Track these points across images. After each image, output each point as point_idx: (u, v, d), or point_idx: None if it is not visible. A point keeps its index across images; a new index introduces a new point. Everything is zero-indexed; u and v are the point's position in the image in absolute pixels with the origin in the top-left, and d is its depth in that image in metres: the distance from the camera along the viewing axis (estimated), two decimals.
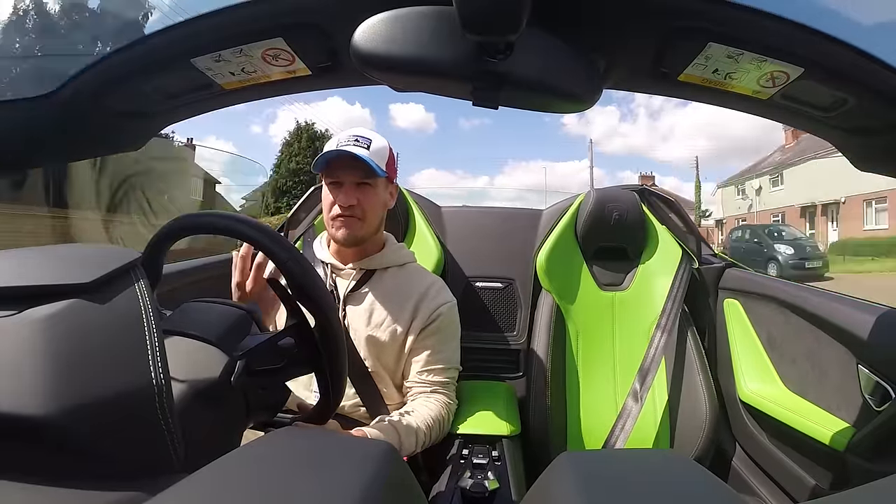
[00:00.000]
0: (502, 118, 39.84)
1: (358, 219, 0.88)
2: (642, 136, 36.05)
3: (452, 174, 33.32)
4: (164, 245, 0.57)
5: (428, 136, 31.99)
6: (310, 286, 0.55)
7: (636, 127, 35.90)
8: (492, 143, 38.79)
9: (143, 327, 0.35)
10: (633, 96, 38.51)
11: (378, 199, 0.91)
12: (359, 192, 0.88)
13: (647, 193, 1.42)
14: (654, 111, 34.96)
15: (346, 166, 0.87)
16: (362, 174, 0.87)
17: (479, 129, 36.11)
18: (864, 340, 0.80)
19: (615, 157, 37.35)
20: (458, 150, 37.63)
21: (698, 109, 33.58)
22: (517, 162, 37.22)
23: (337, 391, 0.60)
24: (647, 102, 32.70)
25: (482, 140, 37.95)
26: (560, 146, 39.30)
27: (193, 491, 0.26)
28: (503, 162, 41.86)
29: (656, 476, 0.30)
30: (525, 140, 39.70)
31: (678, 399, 1.16)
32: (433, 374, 0.92)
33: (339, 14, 0.48)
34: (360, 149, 0.86)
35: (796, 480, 0.93)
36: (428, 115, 34.80)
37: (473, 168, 42.64)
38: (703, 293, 1.28)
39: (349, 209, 0.87)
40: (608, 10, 0.47)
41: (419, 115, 33.84)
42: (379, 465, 0.29)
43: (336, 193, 0.88)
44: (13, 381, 0.30)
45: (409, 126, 31.72)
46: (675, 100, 23.48)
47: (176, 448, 0.35)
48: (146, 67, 0.53)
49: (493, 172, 37.99)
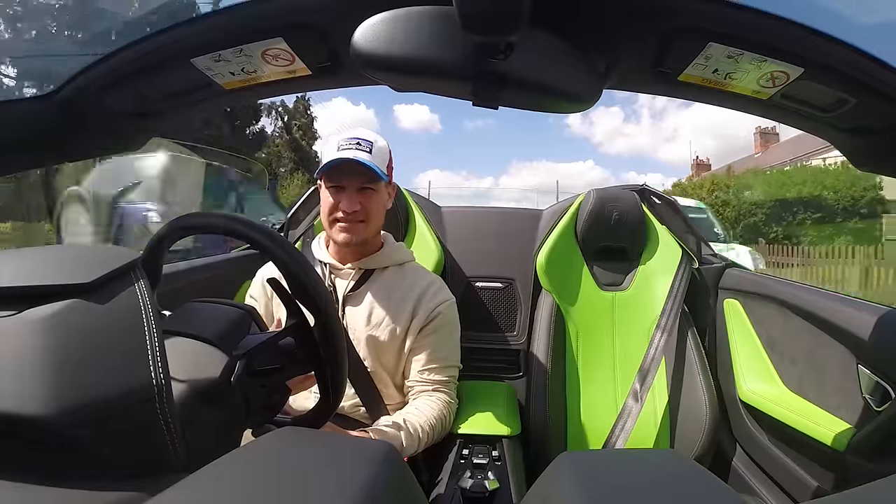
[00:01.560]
0: (506, 119, 39.95)
1: (361, 222, 0.88)
2: (646, 137, 36.13)
3: (457, 175, 33.36)
4: (164, 245, 0.57)
5: (433, 137, 32.02)
6: (310, 286, 0.55)
7: (640, 127, 35.99)
8: (496, 143, 38.86)
9: (143, 327, 0.35)
10: (636, 97, 38.70)
11: (380, 202, 0.91)
12: (362, 196, 0.87)
13: (647, 193, 1.42)
14: (657, 112, 35.02)
15: (349, 172, 0.86)
16: (365, 179, 0.87)
17: (484, 129, 36.16)
18: (864, 340, 0.80)
19: (619, 157, 37.39)
20: (463, 150, 37.69)
21: (701, 111, 33.64)
22: (521, 162, 37.26)
23: (337, 391, 0.60)
24: (651, 103, 32.80)
25: (487, 140, 38.02)
26: (564, 146, 39.36)
27: (193, 491, 0.26)
28: (507, 162, 41.92)
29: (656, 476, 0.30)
30: (529, 141, 39.79)
31: (678, 399, 1.16)
32: (434, 372, 0.92)
33: (339, 14, 0.48)
34: (364, 153, 0.85)
35: (796, 480, 0.93)
36: (433, 115, 34.82)
37: (478, 169, 42.69)
38: (703, 293, 1.27)
39: (353, 214, 0.87)
40: (608, 11, 0.47)
41: (424, 116, 33.85)
42: (379, 466, 0.29)
43: (338, 197, 0.87)
44: (13, 382, 0.30)
45: (413, 126, 31.80)
46: (678, 101, 23.19)
47: (176, 448, 0.35)
48: (146, 67, 0.53)
49: (497, 173, 37.99)
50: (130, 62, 0.52)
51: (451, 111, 39.04)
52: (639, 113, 33.82)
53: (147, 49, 0.52)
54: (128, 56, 0.52)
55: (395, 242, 1.00)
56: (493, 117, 34.87)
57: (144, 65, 0.53)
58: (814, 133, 0.57)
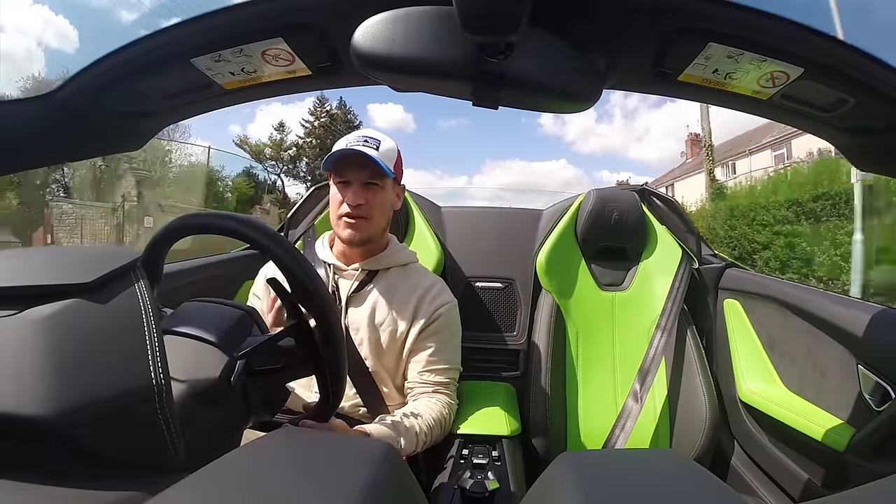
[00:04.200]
0: (480, 118, 39.72)
1: (365, 218, 0.88)
2: (618, 137, 36.07)
3: (431, 174, 33.30)
4: (164, 245, 0.57)
5: (407, 136, 31.83)
6: (310, 286, 0.55)
7: (612, 127, 35.90)
8: (470, 142, 38.71)
9: (143, 327, 0.35)
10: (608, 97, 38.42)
11: (386, 200, 0.91)
12: (367, 191, 0.88)
13: (647, 193, 1.42)
14: (629, 112, 34.98)
15: (354, 166, 0.87)
16: (371, 174, 0.88)
17: (458, 129, 35.94)
18: (864, 340, 0.80)
19: (592, 156, 37.30)
20: (437, 149, 37.55)
21: (672, 111, 33.47)
22: (495, 161, 37.13)
23: (337, 391, 0.60)
24: (623, 103, 32.72)
25: (460, 140, 37.88)
26: (537, 145, 39.24)
27: (193, 490, 0.26)
28: (481, 161, 41.85)
29: (656, 476, 0.30)
30: (502, 140, 39.61)
31: (678, 399, 1.16)
32: (434, 374, 0.92)
33: (339, 14, 0.48)
34: (369, 149, 0.86)
35: (796, 480, 0.93)
36: (407, 115, 34.65)
37: (452, 168, 42.55)
38: (703, 293, 1.28)
39: (357, 209, 0.87)
40: (608, 11, 0.47)
41: (398, 115, 33.71)
42: (379, 466, 0.29)
43: (344, 193, 0.88)
44: (13, 382, 0.30)
45: (387, 126, 31.59)
46: (649, 101, 23.03)
47: (176, 448, 0.35)
48: (146, 67, 0.53)
49: (471, 172, 37.89)
50: (130, 62, 0.52)
51: (425, 111, 38.78)
52: (611, 113, 33.80)
53: (147, 49, 0.52)
54: (128, 56, 0.52)
55: (399, 243, 1.01)
56: (466, 116, 34.72)
57: (144, 65, 0.52)
58: (814, 133, 0.57)
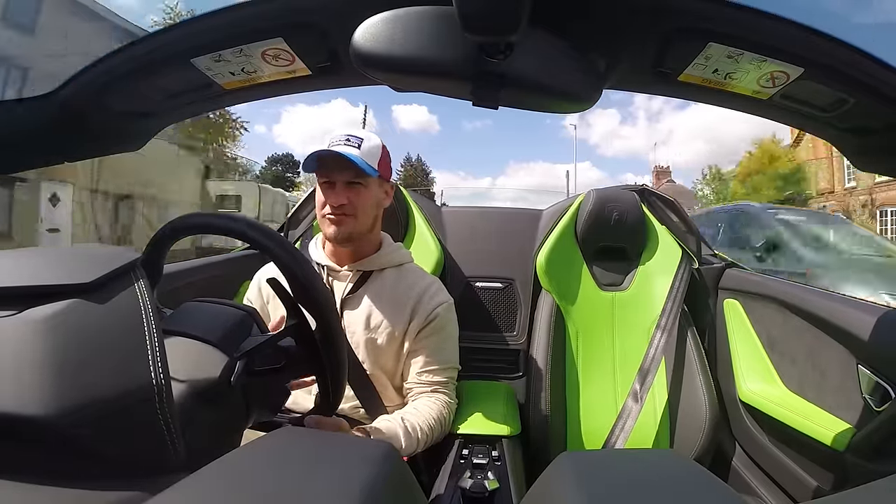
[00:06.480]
0: (504, 120, 39.91)
1: (348, 216, 0.88)
2: (642, 139, 36.19)
3: (455, 175, 33.37)
4: (164, 245, 0.57)
5: (431, 138, 31.87)
6: (310, 286, 0.55)
7: (636, 130, 35.99)
8: (494, 144, 38.86)
9: (143, 327, 0.35)
10: (632, 99, 38.50)
11: (370, 198, 0.90)
12: (350, 191, 0.87)
13: (647, 193, 1.42)
14: (653, 114, 35.04)
15: (336, 166, 0.86)
16: (353, 174, 0.87)
17: (482, 130, 36.12)
18: (864, 340, 0.80)
19: (616, 159, 37.44)
20: (461, 151, 37.69)
21: (696, 114, 33.54)
22: (519, 163, 37.28)
23: (336, 391, 0.60)
24: (647, 105, 32.83)
25: (485, 141, 38.03)
26: (561, 147, 39.47)
27: (194, 490, 0.26)
28: (505, 163, 42.01)
29: (656, 476, 0.30)
30: (526, 142, 39.79)
31: (678, 399, 1.16)
32: (433, 374, 0.92)
33: (339, 14, 0.48)
34: (351, 148, 0.85)
35: (796, 480, 0.93)
36: (431, 116, 34.74)
37: (476, 169, 42.73)
38: (703, 293, 1.27)
39: (340, 208, 0.87)
40: (608, 11, 0.47)
41: (423, 117, 33.73)
42: (379, 466, 0.29)
43: (328, 193, 0.88)
44: (13, 382, 0.30)
45: (412, 127, 31.59)
46: (673, 103, 23.56)
47: (176, 448, 0.35)
48: (146, 67, 0.53)
49: (495, 173, 38.03)
50: (131, 62, 0.52)
51: (449, 112, 39.13)
52: (635, 115, 33.93)
53: (147, 49, 0.52)
54: (128, 56, 0.52)
55: (394, 243, 1.00)
56: (490, 118, 35.01)
57: (144, 65, 0.53)
58: (814, 133, 0.57)
